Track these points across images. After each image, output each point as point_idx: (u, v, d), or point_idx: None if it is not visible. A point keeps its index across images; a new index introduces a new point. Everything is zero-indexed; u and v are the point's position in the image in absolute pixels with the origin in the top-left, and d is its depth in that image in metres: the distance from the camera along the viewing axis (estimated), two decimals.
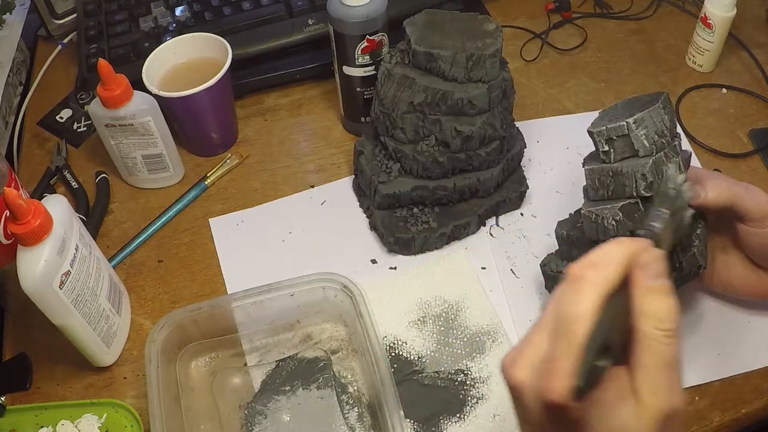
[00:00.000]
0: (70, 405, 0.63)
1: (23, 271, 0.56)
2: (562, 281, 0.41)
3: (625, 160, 0.56)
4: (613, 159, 0.57)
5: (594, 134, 0.57)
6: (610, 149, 0.57)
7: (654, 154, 0.55)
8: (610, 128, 0.56)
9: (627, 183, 0.56)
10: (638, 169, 0.55)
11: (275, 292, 0.64)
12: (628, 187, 0.56)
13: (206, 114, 0.79)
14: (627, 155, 0.56)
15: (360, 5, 0.71)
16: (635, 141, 0.56)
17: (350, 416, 0.62)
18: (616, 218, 0.56)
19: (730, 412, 0.62)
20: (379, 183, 0.72)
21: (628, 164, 0.56)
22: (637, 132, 0.55)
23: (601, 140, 0.57)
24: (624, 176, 0.56)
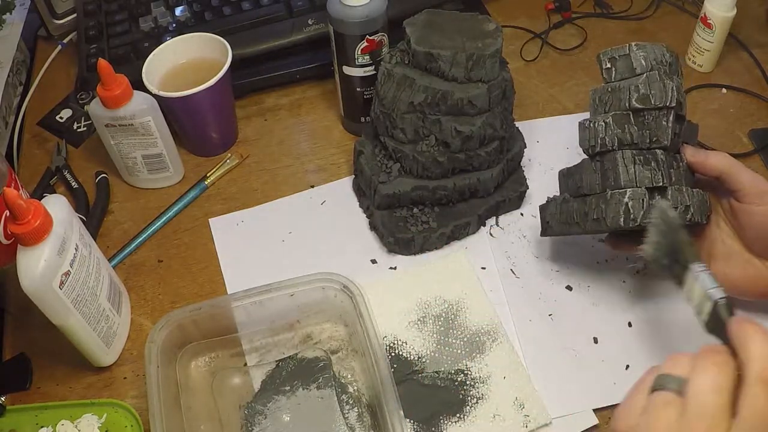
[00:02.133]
0: (70, 405, 0.63)
1: (23, 271, 0.56)
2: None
3: (623, 80, 0.61)
4: (613, 78, 0.62)
5: (600, 55, 0.62)
6: (612, 67, 0.62)
7: (642, 74, 0.60)
8: (615, 48, 0.62)
9: (622, 96, 0.60)
10: (632, 82, 0.59)
11: (275, 292, 0.64)
12: (622, 101, 0.60)
13: (206, 114, 0.79)
14: (626, 76, 0.61)
15: (360, 5, 0.71)
16: (634, 60, 0.60)
17: (350, 416, 0.62)
18: (606, 120, 0.60)
19: None
20: (379, 183, 0.72)
21: (625, 81, 0.60)
22: (637, 52, 0.60)
23: (605, 59, 0.62)
24: (620, 91, 0.60)
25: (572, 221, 0.63)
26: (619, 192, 0.58)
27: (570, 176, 0.65)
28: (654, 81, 0.59)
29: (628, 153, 0.59)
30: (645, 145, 0.59)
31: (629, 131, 0.59)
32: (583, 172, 0.62)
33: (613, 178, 0.59)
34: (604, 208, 0.59)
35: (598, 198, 0.60)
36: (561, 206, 0.64)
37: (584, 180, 0.62)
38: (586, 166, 0.62)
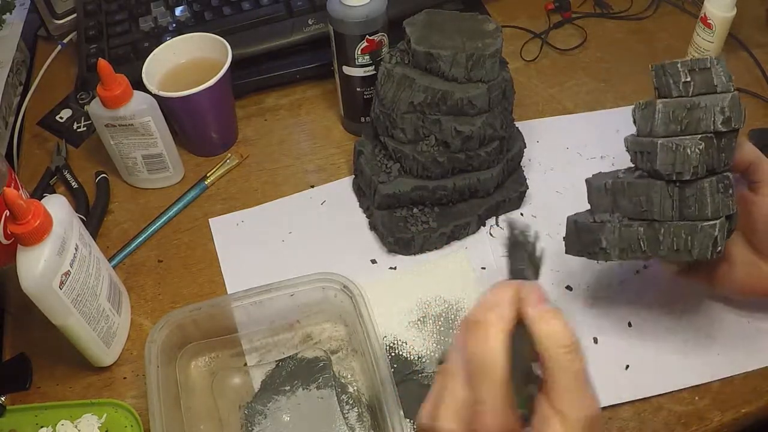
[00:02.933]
0: (70, 405, 0.63)
1: (23, 271, 0.56)
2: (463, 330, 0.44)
3: (700, 95, 0.56)
4: (691, 93, 0.56)
5: (678, 64, 0.56)
6: (691, 81, 0.56)
7: (727, 92, 0.55)
8: (694, 60, 0.56)
9: (703, 116, 0.54)
10: (717, 103, 0.54)
11: (275, 292, 0.64)
12: (704, 120, 0.54)
13: (206, 114, 0.79)
14: (702, 91, 0.56)
15: (360, 5, 0.71)
16: (716, 77, 0.55)
17: (350, 416, 0.62)
18: (699, 147, 0.53)
19: (730, 412, 0.62)
20: (379, 183, 0.72)
21: (706, 98, 0.55)
22: (717, 68, 0.56)
23: (684, 70, 0.56)
24: (701, 110, 0.54)
25: (636, 248, 0.57)
26: (709, 225, 0.54)
27: (621, 194, 0.58)
28: (735, 102, 0.55)
29: (713, 181, 0.54)
30: (720, 169, 0.55)
31: (712, 156, 0.54)
32: (652, 194, 0.56)
33: (697, 208, 0.54)
34: (691, 239, 0.55)
35: (679, 227, 0.55)
36: (621, 231, 0.57)
37: (654, 204, 0.56)
38: (657, 188, 0.55)
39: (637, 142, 0.57)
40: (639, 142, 0.57)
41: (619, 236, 0.57)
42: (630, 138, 0.59)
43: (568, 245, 0.63)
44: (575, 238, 0.61)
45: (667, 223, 0.55)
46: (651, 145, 0.56)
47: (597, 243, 0.59)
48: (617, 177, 0.59)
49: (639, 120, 0.58)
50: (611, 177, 0.60)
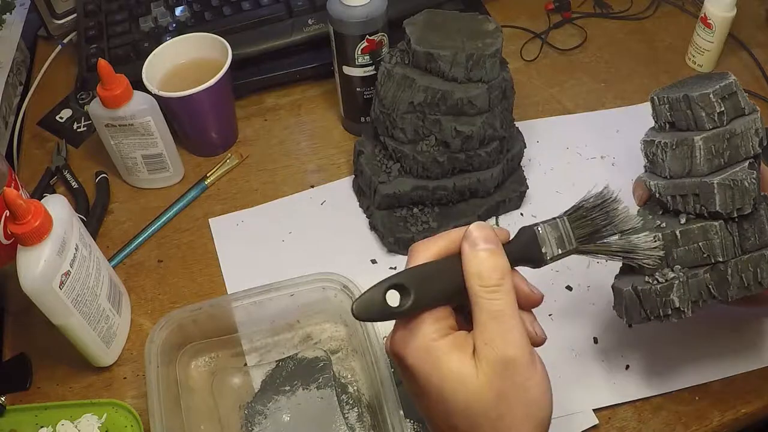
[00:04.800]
0: (70, 405, 0.63)
1: (23, 271, 0.56)
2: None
3: (732, 121, 0.53)
4: (726, 121, 0.53)
5: (709, 94, 0.53)
6: (724, 110, 0.53)
7: (754, 111, 0.54)
8: (723, 86, 0.53)
9: (741, 143, 0.52)
10: (750, 126, 0.52)
11: (275, 292, 0.64)
12: (742, 147, 0.52)
13: (206, 114, 0.79)
14: (732, 116, 0.53)
15: (360, 5, 0.71)
16: (741, 99, 0.53)
17: (350, 416, 0.62)
18: (752, 177, 0.51)
19: (730, 412, 0.62)
20: (379, 183, 0.72)
21: (738, 123, 0.53)
22: (740, 90, 0.53)
23: (717, 99, 0.53)
24: (737, 136, 0.52)
25: (707, 296, 0.54)
26: None
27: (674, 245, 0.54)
28: (762, 120, 0.53)
29: (765, 205, 0.53)
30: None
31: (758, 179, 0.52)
32: (711, 236, 0.53)
33: (757, 237, 0.52)
34: (759, 271, 0.52)
35: (745, 262, 0.53)
36: (690, 284, 0.53)
37: (715, 246, 0.53)
38: (716, 229, 0.52)
39: (677, 185, 0.54)
40: (679, 185, 0.54)
41: (689, 290, 0.53)
42: (663, 183, 0.55)
43: (631, 316, 0.56)
44: (637, 306, 0.55)
45: (732, 261, 0.53)
46: (702, 187, 0.52)
47: (668, 305, 0.53)
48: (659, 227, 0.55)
49: (671, 161, 0.55)
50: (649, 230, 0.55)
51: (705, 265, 0.53)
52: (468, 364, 0.44)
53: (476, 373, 0.43)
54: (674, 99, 0.55)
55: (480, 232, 0.46)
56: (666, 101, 0.57)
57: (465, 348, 0.44)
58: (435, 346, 0.45)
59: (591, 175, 0.79)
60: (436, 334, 0.45)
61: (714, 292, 0.53)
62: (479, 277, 0.45)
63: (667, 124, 0.57)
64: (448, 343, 0.45)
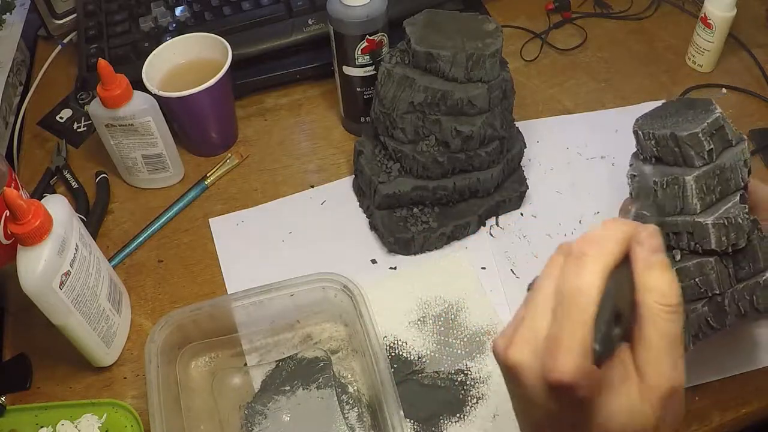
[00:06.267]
0: (70, 405, 0.63)
1: (23, 271, 0.56)
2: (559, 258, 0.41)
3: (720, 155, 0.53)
4: (715, 157, 0.53)
5: (698, 133, 0.52)
6: (713, 147, 0.53)
7: (741, 141, 0.53)
8: (711, 122, 0.53)
9: (731, 176, 0.52)
10: (738, 157, 0.52)
11: (275, 292, 0.64)
12: (732, 180, 0.52)
13: (206, 114, 0.79)
14: (719, 150, 0.53)
15: (360, 5, 0.71)
16: (728, 131, 0.53)
17: (350, 416, 0.62)
18: (745, 212, 0.51)
19: (730, 412, 0.62)
20: (379, 183, 0.72)
21: (726, 156, 0.52)
22: (726, 122, 0.53)
23: (705, 138, 0.52)
24: (727, 170, 0.52)
25: (706, 328, 0.54)
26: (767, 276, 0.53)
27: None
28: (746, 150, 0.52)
29: (756, 233, 0.53)
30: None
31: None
32: (707, 272, 0.53)
33: (751, 266, 0.53)
34: (755, 298, 0.53)
35: (741, 291, 0.53)
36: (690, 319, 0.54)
37: (711, 280, 0.53)
38: (712, 265, 0.53)
39: (669, 223, 0.53)
40: (671, 223, 0.53)
41: (689, 325, 0.54)
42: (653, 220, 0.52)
43: None
44: None
45: (728, 292, 0.53)
46: (696, 227, 0.52)
47: None
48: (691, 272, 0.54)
49: (663, 199, 0.54)
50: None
51: (701, 298, 0.53)
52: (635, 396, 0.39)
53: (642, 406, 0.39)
54: (660, 136, 0.55)
55: (655, 239, 0.40)
56: (652, 137, 0.56)
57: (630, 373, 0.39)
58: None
59: (591, 175, 0.79)
60: None
61: (712, 323, 0.53)
62: (659, 294, 0.39)
63: (653, 158, 0.57)
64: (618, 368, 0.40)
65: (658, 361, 0.39)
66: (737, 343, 0.65)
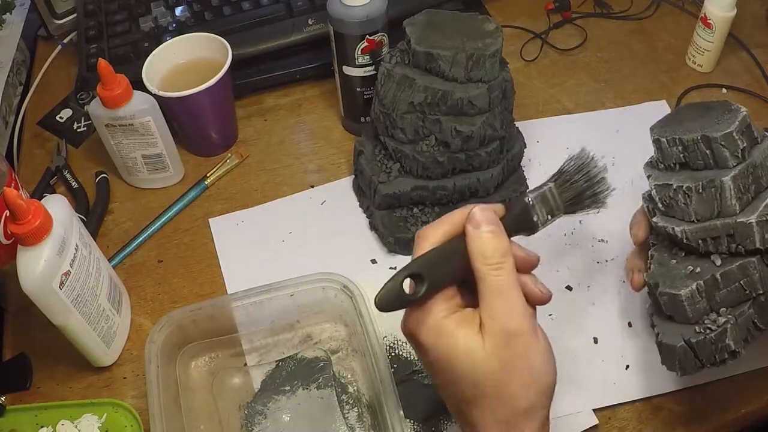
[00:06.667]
0: (70, 405, 0.63)
1: (23, 271, 0.56)
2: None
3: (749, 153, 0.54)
4: (747, 155, 0.53)
5: (732, 132, 0.53)
6: (745, 145, 0.53)
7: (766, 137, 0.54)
8: (741, 121, 0.53)
9: (762, 173, 0.53)
10: (766, 153, 0.53)
11: (275, 292, 0.64)
12: (763, 177, 0.53)
13: (206, 114, 0.79)
14: (749, 148, 0.54)
15: (360, 5, 0.71)
16: (755, 129, 0.54)
17: (350, 416, 0.62)
18: None
19: (730, 412, 0.62)
20: (379, 183, 0.72)
21: (756, 154, 0.53)
22: (751, 121, 0.54)
23: (739, 137, 0.53)
24: (759, 167, 0.53)
25: (754, 330, 0.54)
26: None
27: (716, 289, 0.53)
28: None
29: None
30: None
31: None
32: (750, 273, 0.52)
33: None
34: None
35: None
36: (739, 325, 0.53)
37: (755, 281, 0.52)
38: (755, 265, 0.52)
39: (707, 228, 0.53)
40: (710, 228, 0.53)
41: (739, 330, 0.53)
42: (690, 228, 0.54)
43: (684, 368, 0.54)
44: (692, 358, 0.54)
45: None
46: (738, 227, 0.52)
47: (725, 349, 0.52)
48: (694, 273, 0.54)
49: (697, 205, 0.54)
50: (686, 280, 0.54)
51: (747, 300, 0.53)
52: (475, 338, 0.47)
53: (482, 345, 0.46)
54: (689, 140, 0.55)
55: (482, 214, 0.49)
56: (678, 143, 0.56)
57: (472, 323, 0.48)
58: (444, 323, 0.48)
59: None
60: (446, 312, 0.48)
61: (759, 324, 0.53)
62: (483, 257, 0.48)
63: (677, 165, 0.57)
64: (456, 320, 0.48)
65: (489, 310, 0.47)
66: None
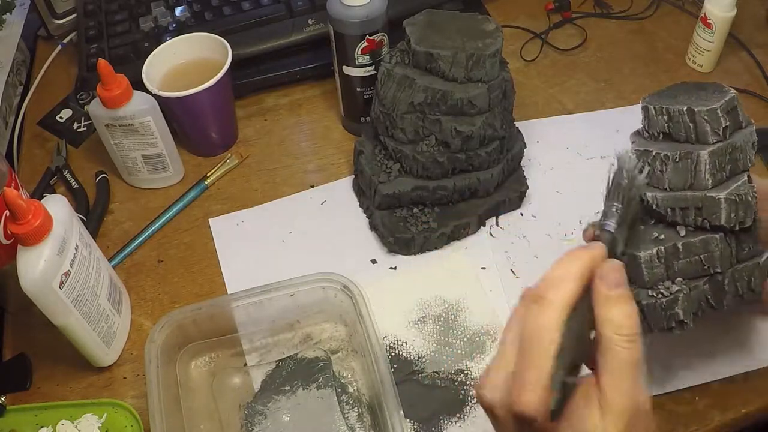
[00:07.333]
0: (70, 405, 0.63)
1: (23, 271, 0.56)
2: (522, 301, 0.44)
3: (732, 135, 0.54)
4: (728, 135, 0.53)
5: (717, 109, 0.53)
6: (728, 124, 0.53)
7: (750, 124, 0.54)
8: (727, 100, 0.53)
9: (740, 156, 0.53)
10: (748, 139, 0.53)
11: (275, 292, 0.64)
12: (740, 161, 0.53)
13: (206, 114, 0.79)
14: (732, 130, 0.54)
15: (360, 5, 0.71)
16: (741, 112, 0.54)
17: (350, 416, 0.62)
18: (753, 191, 0.52)
19: (730, 412, 0.62)
20: (379, 183, 0.72)
21: (738, 137, 0.53)
22: (739, 105, 0.54)
23: (723, 115, 0.53)
24: (738, 150, 0.53)
25: (705, 306, 0.54)
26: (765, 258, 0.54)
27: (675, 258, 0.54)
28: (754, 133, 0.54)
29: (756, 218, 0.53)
30: None
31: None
32: (711, 248, 0.53)
33: (752, 246, 0.54)
34: (753, 279, 0.54)
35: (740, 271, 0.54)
36: (691, 296, 0.54)
37: (714, 258, 0.53)
38: (717, 242, 0.53)
39: (678, 198, 0.54)
40: (680, 198, 0.53)
41: (691, 302, 0.54)
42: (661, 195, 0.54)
43: None
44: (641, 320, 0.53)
45: (729, 271, 0.54)
46: (707, 201, 0.52)
47: (673, 317, 0.54)
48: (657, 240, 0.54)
49: (672, 174, 0.54)
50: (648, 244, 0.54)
51: (704, 276, 0.54)
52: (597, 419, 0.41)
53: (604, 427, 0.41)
54: (675, 111, 0.55)
55: (615, 274, 0.43)
56: (664, 112, 0.56)
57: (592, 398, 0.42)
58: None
59: (591, 175, 0.78)
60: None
61: (712, 302, 0.54)
62: (617, 326, 0.42)
63: (661, 134, 0.57)
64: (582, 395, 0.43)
65: (619, 385, 0.41)
66: (737, 343, 0.65)
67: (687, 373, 0.63)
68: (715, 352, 0.64)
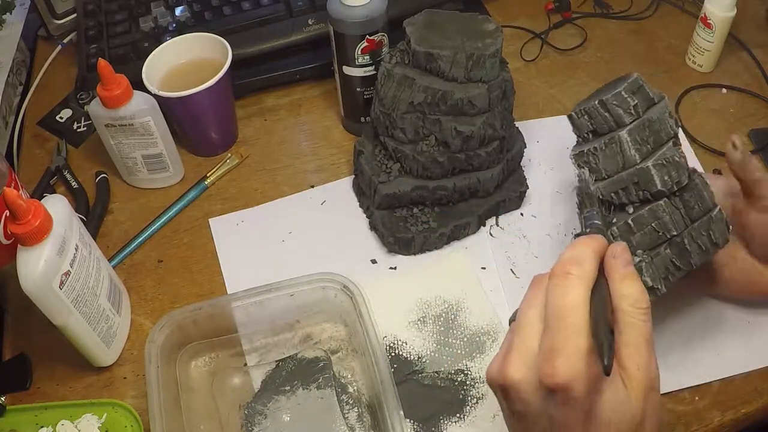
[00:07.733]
0: (70, 405, 0.63)
1: (23, 271, 0.56)
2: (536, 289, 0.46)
3: (646, 111, 0.58)
4: (642, 113, 0.58)
5: (621, 91, 0.58)
6: (637, 102, 0.58)
7: (662, 98, 0.59)
8: (630, 82, 0.58)
9: (660, 127, 0.57)
10: (663, 111, 0.57)
11: (275, 292, 0.64)
12: (662, 131, 0.57)
13: (206, 114, 0.79)
14: (645, 107, 0.58)
15: (360, 5, 0.71)
16: (649, 90, 0.59)
17: (350, 416, 0.62)
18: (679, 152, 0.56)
19: (730, 412, 0.62)
20: (379, 183, 0.72)
21: (653, 112, 0.58)
22: (644, 83, 0.59)
23: (628, 95, 0.58)
24: (656, 122, 0.57)
25: (673, 269, 0.57)
26: (716, 211, 0.56)
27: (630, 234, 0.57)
28: (668, 105, 0.58)
29: (697, 174, 0.57)
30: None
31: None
32: (660, 215, 0.56)
33: (700, 204, 0.56)
34: (712, 233, 0.56)
35: (697, 229, 0.56)
36: (655, 263, 0.56)
37: (666, 223, 0.56)
38: (663, 207, 0.56)
39: (615, 181, 0.58)
40: (617, 180, 0.57)
41: (656, 268, 0.56)
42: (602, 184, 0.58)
43: None
44: None
45: (685, 232, 0.56)
46: (639, 174, 0.56)
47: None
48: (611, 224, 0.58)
49: (604, 162, 0.59)
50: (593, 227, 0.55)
51: (663, 242, 0.57)
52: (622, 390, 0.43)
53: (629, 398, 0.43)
54: (591, 107, 0.60)
55: (626, 254, 0.46)
56: (584, 112, 0.61)
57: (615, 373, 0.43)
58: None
59: None
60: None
61: (678, 264, 0.57)
62: (635, 300, 0.44)
63: (590, 134, 0.62)
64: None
65: (638, 356, 0.43)
66: (737, 343, 0.65)
67: (687, 373, 0.63)
68: (715, 352, 0.64)
